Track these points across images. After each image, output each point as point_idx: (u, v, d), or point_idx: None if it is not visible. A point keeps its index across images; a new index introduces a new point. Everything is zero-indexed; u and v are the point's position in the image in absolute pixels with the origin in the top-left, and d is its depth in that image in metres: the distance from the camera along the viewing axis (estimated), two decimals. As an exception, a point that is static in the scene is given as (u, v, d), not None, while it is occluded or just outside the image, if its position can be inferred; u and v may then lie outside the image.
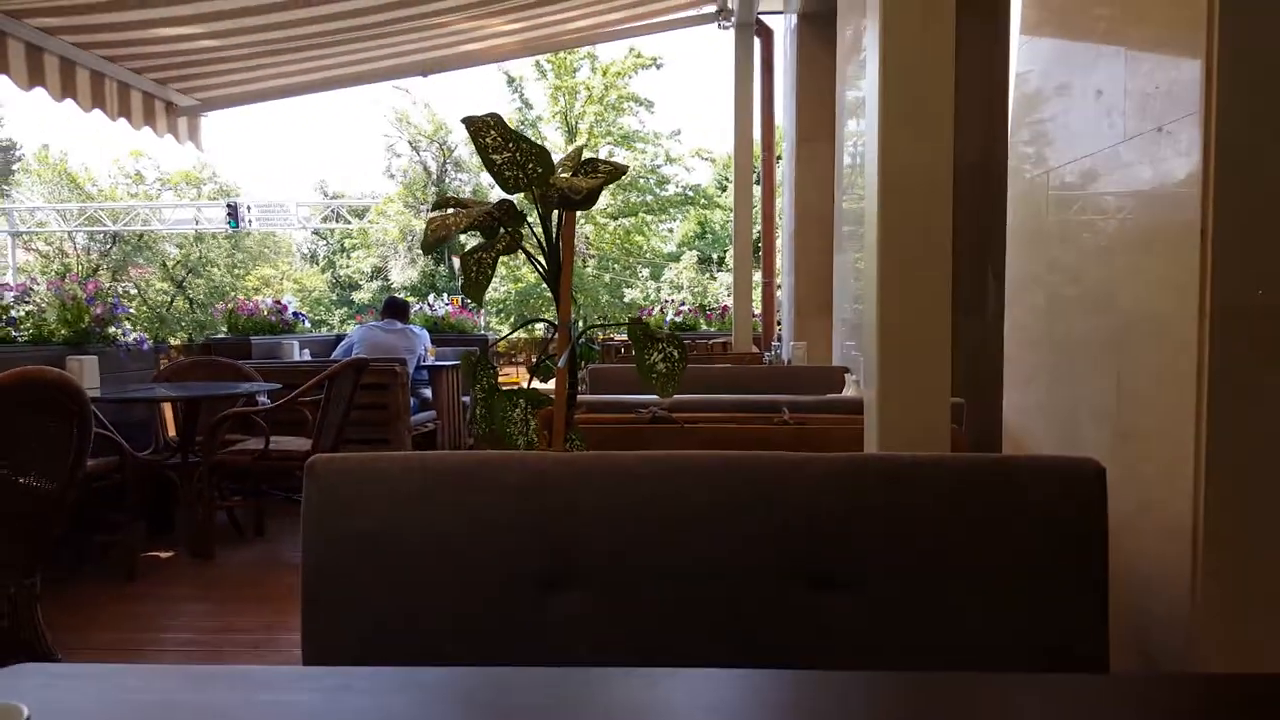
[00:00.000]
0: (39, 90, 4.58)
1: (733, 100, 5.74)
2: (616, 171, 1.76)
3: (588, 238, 25.40)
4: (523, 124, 26.45)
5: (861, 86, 3.43)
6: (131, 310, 4.96)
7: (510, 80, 25.77)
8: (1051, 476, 1.36)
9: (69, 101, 4.83)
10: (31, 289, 4.48)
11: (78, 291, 4.69)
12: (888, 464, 1.36)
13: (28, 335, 4.46)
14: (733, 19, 5.65)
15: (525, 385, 1.97)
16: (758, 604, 1.33)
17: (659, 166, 26.90)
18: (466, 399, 7.01)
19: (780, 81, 5.76)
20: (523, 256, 1.87)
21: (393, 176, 32.82)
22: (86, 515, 4.06)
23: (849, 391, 2.81)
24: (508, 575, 1.39)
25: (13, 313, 4.29)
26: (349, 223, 35.86)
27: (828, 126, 5.10)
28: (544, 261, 1.81)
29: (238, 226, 28.04)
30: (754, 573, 1.33)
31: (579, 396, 2.03)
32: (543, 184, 1.73)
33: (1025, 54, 2.11)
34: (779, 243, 6.22)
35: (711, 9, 5.75)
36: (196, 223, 30.90)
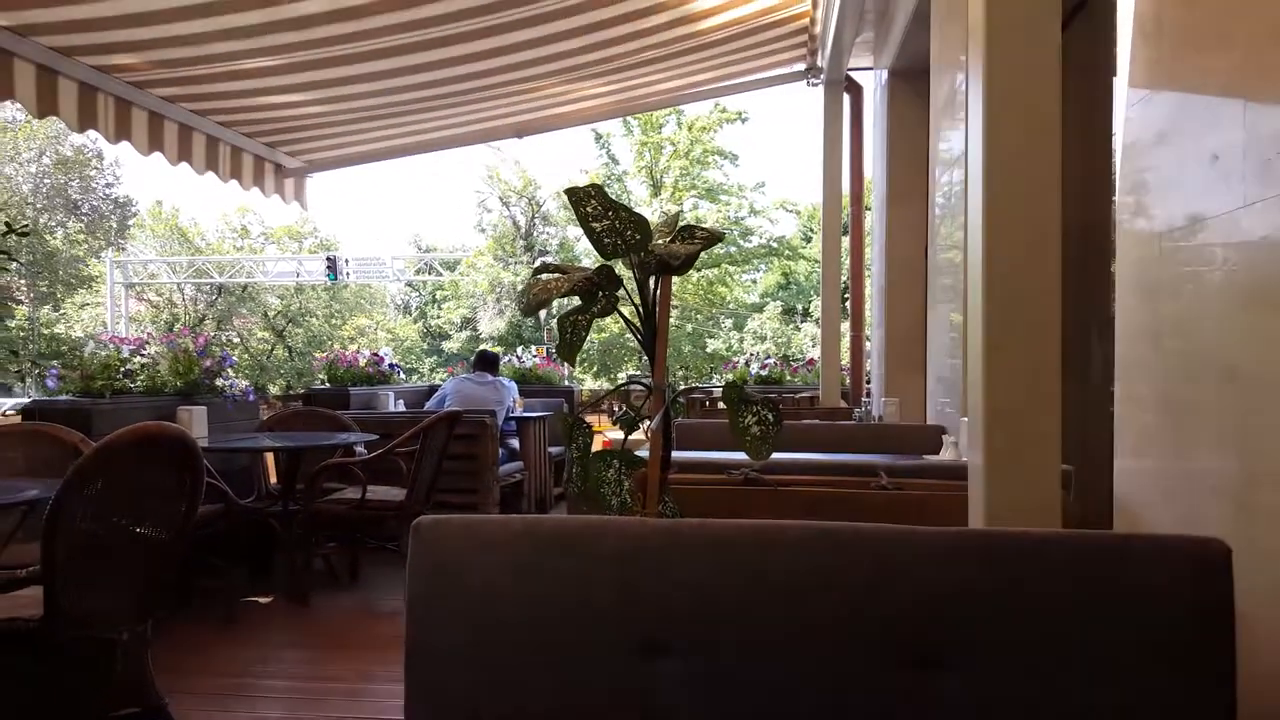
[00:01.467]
0: (158, 155, 4.91)
1: (821, 154, 5.75)
2: (714, 237, 1.78)
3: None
4: (609, 179, 26.99)
5: (956, 140, 3.39)
6: (236, 361, 5.18)
7: (598, 137, 26.39)
8: (1173, 557, 1.28)
9: (184, 164, 5.16)
10: (147, 343, 4.74)
11: (189, 345, 4.94)
12: (998, 541, 1.31)
13: (142, 386, 4.70)
14: (822, 76, 5.69)
15: (601, 428, 1.98)
16: (860, 682, 1.29)
17: (743, 218, 27.02)
18: (554, 450, 7.07)
19: (870, 135, 5.75)
20: (549, 278, 1.89)
21: (483, 230, 33.82)
22: (191, 560, 4.22)
23: (947, 454, 2.73)
24: (607, 642, 1.38)
25: (130, 365, 4.54)
26: (440, 275, 36.98)
27: (919, 180, 5.05)
28: (640, 325, 1.83)
29: (336, 279, 29.16)
30: (856, 649, 1.29)
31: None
32: (641, 250, 1.75)
33: (1134, 108, 2.06)
34: (868, 295, 6.15)
35: (800, 67, 5.80)
36: (297, 275, 32.27)
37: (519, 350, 8.42)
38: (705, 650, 1.32)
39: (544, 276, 1.74)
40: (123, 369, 4.36)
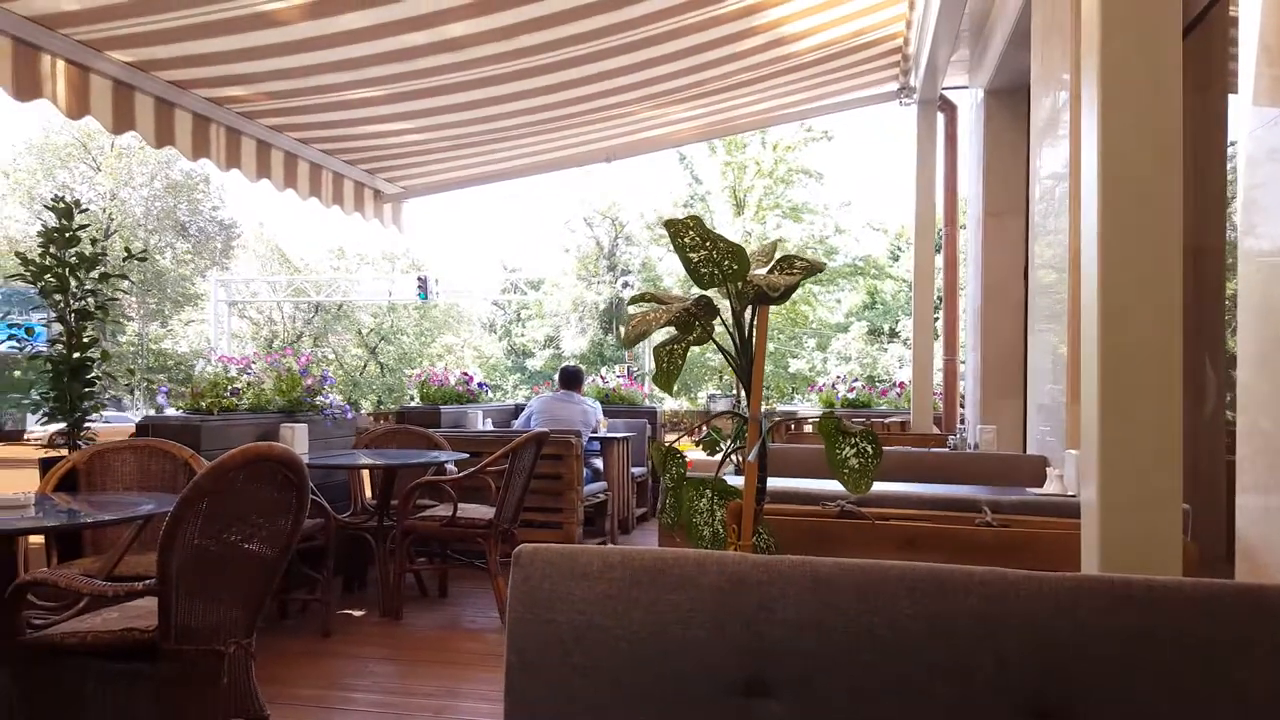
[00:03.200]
0: (265, 182, 5.14)
1: (914, 175, 5.65)
2: (813, 268, 1.76)
3: (754, 308, 25.46)
4: (692, 199, 27.08)
5: (1059, 160, 3.28)
6: (335, 380, 5.36)
7: (681, 157, 26.52)
8: (1316, 609, 1.20)
9: (290, 191, 5.39)
10: (253, 363, 4.95)
11: (292, 364, 5.13)
12: (1119, 588, 1.25)
13: (248, 404, 4.90)
14: (915, 96, 5.59)
15: (682, 448, 1.96)
16: (971, 732, 1.24)
17: (827, 237, 26.72)
18: (636, 471, 7.08)
19: (965, 155, 5.62)
20: (649, 309, 1.88)
21: (567, 251, 34.33)
22: (290, 573, 4.37)
23: (1051, 487, 2.62)
24: (705, 679, 1.37)
25: (236, 384, 4.74)
26: (525, 294, 37.65)
27: (1017, 199, 4.91)
28: (736, 354, 1.82)
29: (426, 298, 29.94)
30: (966, 699, 1.25)
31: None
32: (738, 280, 1.74)
33: (1256, 125, 1.96)
34: (961, 317, 5.99)
35: (892, 87, 5.72)
36: (389, 294, 33.28)
37: (602, 370, 8.47)
38: (808, 693, 1.29)
39: (644, 308, 1.74)
40: (230, 387, 4.56)
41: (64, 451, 4.02)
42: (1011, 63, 4.56)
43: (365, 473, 5.25)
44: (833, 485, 2.57)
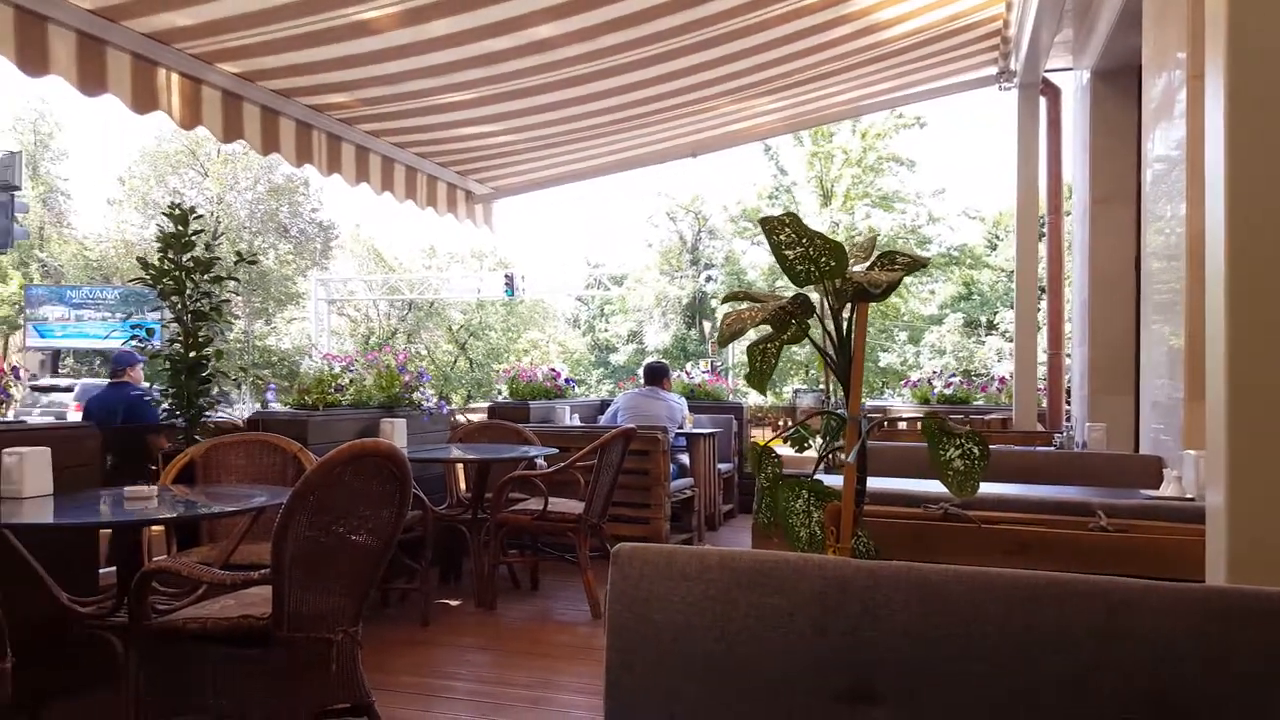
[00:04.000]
0: (364, 185, 5.30)
1: (1015, 161, 5.44)
2: (916, 263, 1.71)
3: (842, 300, 25.03)
4: (777, 190, 26.76)
5: (1174, 143, 3.11)
6: (431, 377, 5.50)
7: (766, 148, 26.22)
8: None
9: (387, 194, 5.55)
10: (355, 361, 5.12)
11: (391, 361, 5.29)
12: (1254, 601, 1.18)
13: (350, 399, 5.07)
14: (1015, 80, 5.39)
15: (763, 441, 1.94)
16: (1091, 748, 1.19)
17: (920, 226, 26.03)
18: (723, 467, 7.05)
19: (1069, 139, 5.39)
20: (744, 307, 1.85)
21: (650, 245, 34.41)
22: (390, 563, 4.50)
23: (1168, 489, 2.50)
24: (806, 685, 1.35)
25: (340, 380, 4.92)
26: (608, 289, 37.91)
27: (1127, 186, 4.69)
28: (833, 353, 1.79)
29: (513, 295, 30.43)
30: (1085, 715, 1.20)
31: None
32: (836, 276, 1.71)
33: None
34: (1067, 309, 5.75)
35: (991, 71, 5.52)
36: (478, 291, 33.92)
37: (688, 366, 8.46)
38: (914, 704, 1.26)
39: (740, 306, 1.73)
40: (334, 384, 4.73)
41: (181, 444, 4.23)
42: (1120, 43, 4.35)
43: (459, 466, 5.38)
44: (932, 486, 2.51)
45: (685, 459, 6.38)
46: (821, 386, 10.73)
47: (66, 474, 3.18)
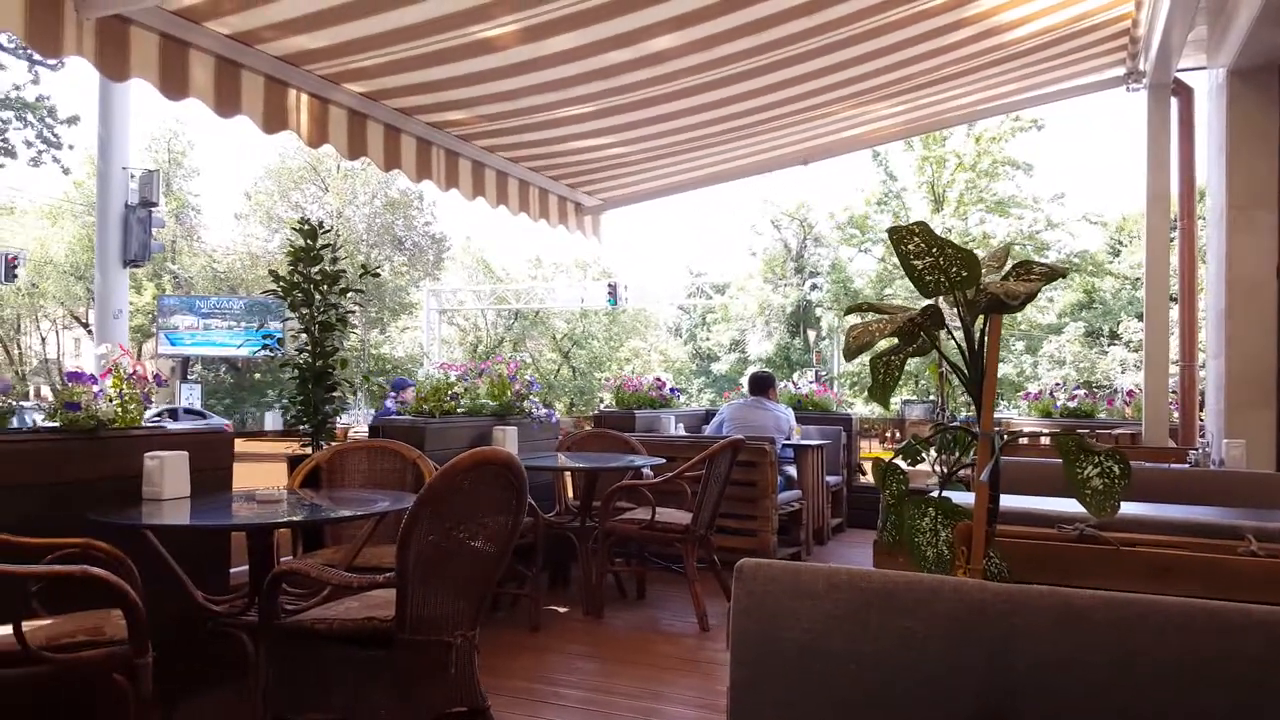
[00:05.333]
0: (479, 200, 5.45)
1: (1144, 166, 5.16)
2: (1054, 273, 1.64)
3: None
4: (886, 196, 26.19)
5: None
6: (541, 386, 5.60)
7: (875, 154, 25.71)
8: None
9: (501, 207, 5.68)
10: (469, 372, 5.26)
11: (503, 371, 5.41)
12: None
13: (464, 408, 5.21)
14: (1145, 80, 5.12)
15: (869, 455, 1.87)
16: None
17: (1038, 232, 25.01)
18: (831, 480, 6.92)
19: (1203, 142, 5.08)
20: (871, 319, 1.80)
21: (753, 254, 34.20)
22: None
23: (1327, 514, 2.31)
24: (939, 712, 1.30)
25: (455, 389, 5.06)
26: (710, 298, 37.86)
27: (1268, 190, 4.40)
28: (964, 367, 1.73)
29: (616, 304, 30.72)
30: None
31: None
32: (968, 287, 1.66)
33: None
34: (1200, 319, 5.41)
35: (1118, 72, 5.26)
36: (581, 301, 34.41)
37: (794, 376, 8.35)
38: (1057, 737, 1.20)
39: (869, 318, 1.69)
40: (450, 392, 4.87)
41: (307, 450, 4.43)
42: (1260, 39, 4.09)
43: (567, 475, 5.45)
44: (1062, 504, 2.39)
45: (792, 471, 6.29)
46: (932, 398, 10.40)
47: (202, 476, 3.36)
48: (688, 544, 4.55)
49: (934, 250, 1.65)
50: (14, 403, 3.02)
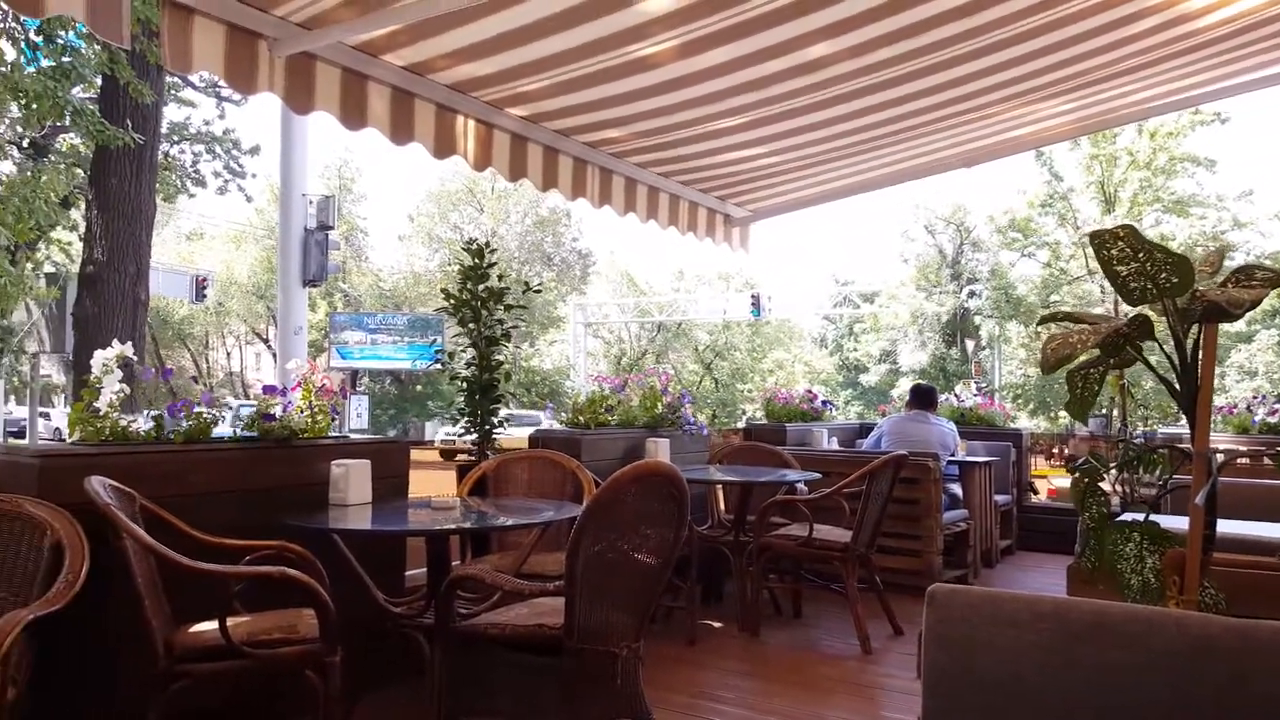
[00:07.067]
0: (631, 215, 5.52)
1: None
2: (1278, 279, 1.49)
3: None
4: (1051, 197, 24.80)
5: None
6: (693, 398, 5.60)
7: (1039, 154, 24.40)
8: None
9: (651, 222, 5.74)
10: (624, 385, 5.34)
11: (655, 383, 5.46)
12: None
13: (617, 420, 5.29)
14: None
15: (1041, 472, 1.74)
16: None
17: (1223, 233, 23.02)
18: (1000, 499, 6.58)
19: None
20: (1070, 330, 1.67)
21: (905, 260, 33.11)
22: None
23: None
24: (1164, 757, 1.20)
25: (609, 402, 5.15)
26: (858, 307, 36.94)
27: None
28: (1177, 379, 1.59)
29: (759, 315, 30.47)
30: None
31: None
32: (1178, 294, 1.53)
33: None
34: None
35: (1326, 55, 4.76)
36: (724, 312, 34.36)
37: (957, 388, 8.00)
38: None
39: (1070, 328, 1.59)
40: (605, 405, 4.95)
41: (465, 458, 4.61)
42: None
43: (720, 488, 5.42)
44: (1271, 529, 2.17)
45: (957, 489, 6.02)
46: (1104, 412, 9.72)
47: (381, 484, 3.55)
48: (848, 563, 4.43)
49: (1140, 255, 1.54)
50: (218, 414, 3.29)
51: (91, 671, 2.74)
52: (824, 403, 7.54)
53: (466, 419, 4.35)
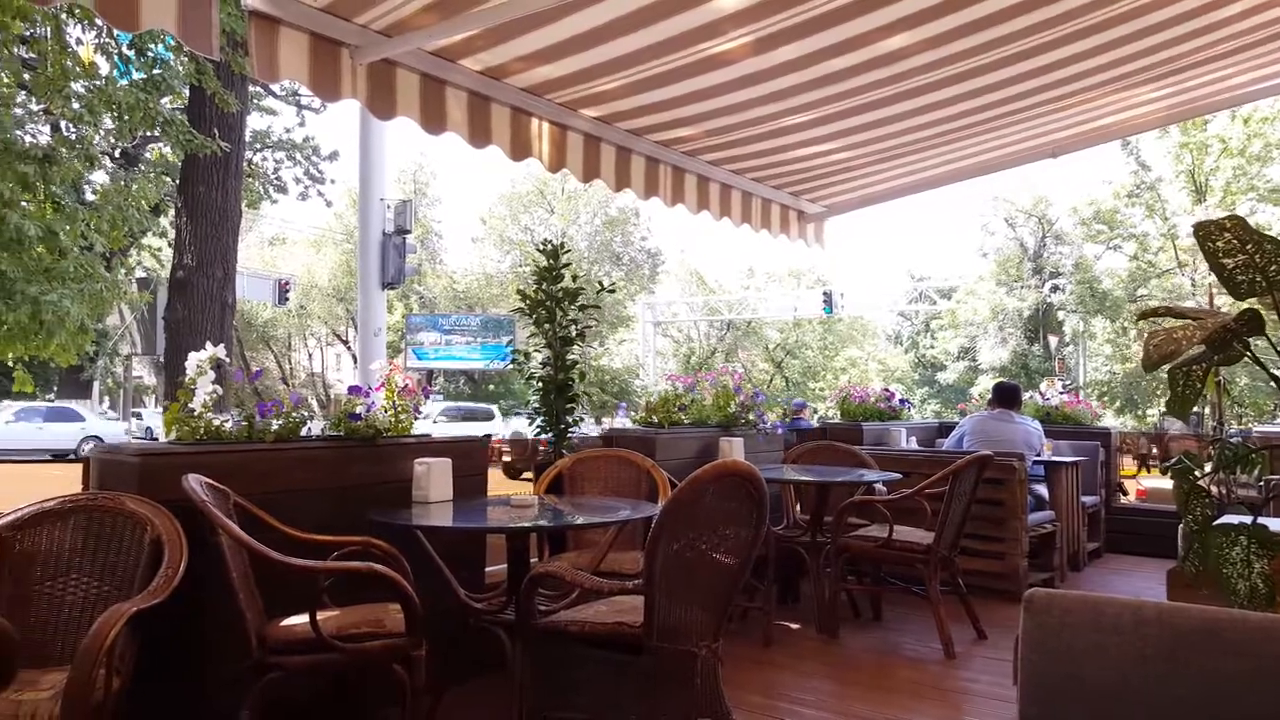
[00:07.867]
0: (704, 214, 5.50)
1: None
2: None
3: (1219, 311, 21.74)
4: (1138, 187, 23.88)
5: None
6: (766, 397, 5.55)
7: (1125, 143, 23.51)
8: None
9: (725, 219, 5.71)
10: (698, 383, 5.33)
11: (728, 382, 5.43)
12: None
13: (690, 418, 5.27)
14: None
15: (1129, 472, 1.66)
16: None
17: (1326, 222, 21.83)
18: (1087, 500, 6.36)
19: None
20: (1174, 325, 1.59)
21: (984, 255, 32.25)
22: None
23: None
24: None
25: (683, 401, 5.14)
26: (934, 303, 36.12)
27: None
28: (1288, 377, 1.52)
29: (831, 312, 30.06)
30: None
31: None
32: (1291, 287, 1.45)
33: None
34: None
35: None
36: (795, 310, 34.01)
37: (1042, 386, 7.76)
38: None
39: (1171, 324, 1.53)
40: (678, 404, 4.95)
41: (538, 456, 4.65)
42: None
43: (793, 487, 5.37)
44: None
45: (1043, 490, 5.84)
46: (1197, 410, 9.30)
47: (461, 481, 3.61)
48: (930, 565, 4.34)
49: (1249, 246, 1.47)
50: (306, 414, 3.39)
51: (189, 662, 2.86)
52: (902, 401, 7.40)
53: (542, 418, 4.40)
